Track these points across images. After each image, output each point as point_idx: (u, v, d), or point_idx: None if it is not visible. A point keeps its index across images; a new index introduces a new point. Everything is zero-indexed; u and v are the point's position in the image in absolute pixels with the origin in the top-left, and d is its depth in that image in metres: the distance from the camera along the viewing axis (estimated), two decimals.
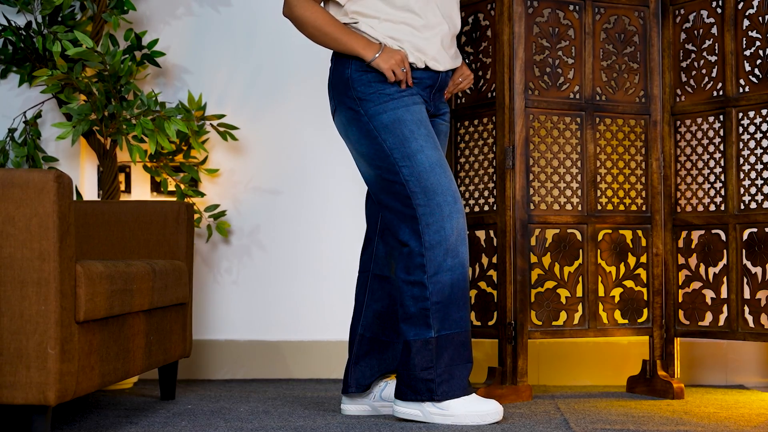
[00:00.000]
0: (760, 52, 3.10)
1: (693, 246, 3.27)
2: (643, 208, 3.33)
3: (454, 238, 2.68)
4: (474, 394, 2.70)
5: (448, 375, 2.67)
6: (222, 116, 3.60)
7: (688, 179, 3.29)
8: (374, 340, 2.89)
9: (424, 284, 2.67)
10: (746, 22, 3.14)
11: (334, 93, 2.83)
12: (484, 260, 3.23)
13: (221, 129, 3.60)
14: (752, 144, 3.13)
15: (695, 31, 3.28)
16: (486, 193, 3.23)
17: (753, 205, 3.11)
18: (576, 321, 3.22)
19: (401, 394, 2.71)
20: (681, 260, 3.29)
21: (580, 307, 3.23)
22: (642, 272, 3.31)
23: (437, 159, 2.70)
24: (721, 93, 3.20)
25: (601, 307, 3.25)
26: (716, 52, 3.22)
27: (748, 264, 3.11)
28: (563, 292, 3.21)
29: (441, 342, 2.67)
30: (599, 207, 3.27)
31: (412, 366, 2.68)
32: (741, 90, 3.15)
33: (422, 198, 2.67)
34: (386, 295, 2.90)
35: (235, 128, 3.62)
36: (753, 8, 3.12)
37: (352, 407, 2.89)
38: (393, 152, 2.69)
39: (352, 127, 2.75)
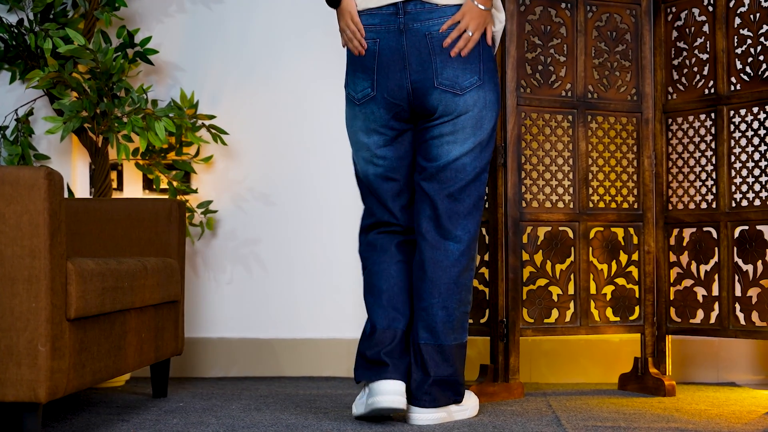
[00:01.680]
0: (752, 50, 3.10)
1: (685, 244, 3.27)
2: (635, 206, 3.34)
3: None
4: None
5: None
6: (213, 117, 3.60)
7: (680, 177, 3.29)
8: None
9: (472, 281, 2.75)
10: (738, 20, 3.14)
11: (482, 62, 2.65)
12: (476, 258, 3.23)
13: (212, 131, 3.59)
14: (743, 142, 3.13)
15: (687, 29, 3.29)
16: None
17: (744, 203, 3.12)
18: (568, 318, 3.23)
19: (433, 402, 2.64)
20: (673, 258, 3.30)
21: (571, 305, 3.23)
22: (634, 270, 3.32)
23: None
24: (712, 91, 3.20)
25: (592, 304, 3.26)
26: (708, 50, 3.23)
27: (740, 261, 3.11)
28: (555, 290, 3.22)
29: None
30: (591, 205, 3.28)
31: (454, 371, 2.67)
32: (732, 88, 3.16)
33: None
34: None
35: (225, 132, 3.61)
36: (744, 6, 3.13)
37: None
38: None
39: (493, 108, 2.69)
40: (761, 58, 3.08)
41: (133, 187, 3.72)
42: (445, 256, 2.65)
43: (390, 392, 2.55)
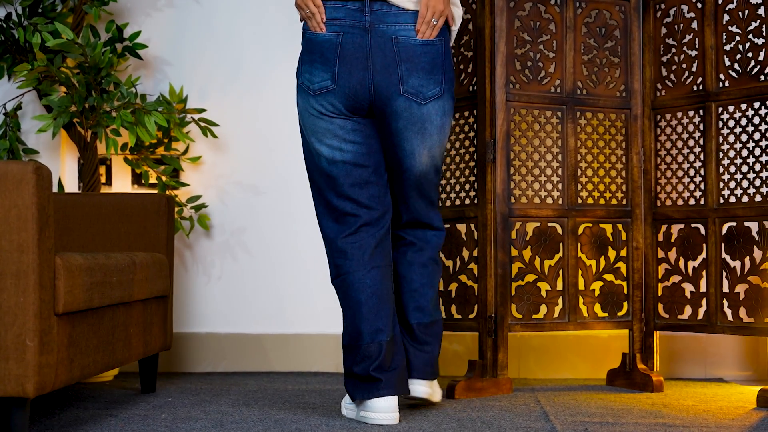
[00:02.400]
0: (740, 46, 3.11)
1: (673, 240, 3.28)
2: (624, 202, 3.34)
3: None
4: None
5: None
6: (203, 110, 3.59)
7: (668, 173, 3.30)
8: None
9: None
10: (726, 17, 3.15)
11: (444, 73, 2.67)
12: (465, 254, 3.23)
13: (202, 124, 3.58)
14: (732, 138, 3.14)
15: (676, 26, 3.29)
16: (467, 187, 3.24)
17: (732, 199, 3.13)
18: (556, 314, 3.23)
19: (433, 374, 2.80)
20: (661, 254, 3.31)
21: (560, 301, 3.24)
22: (622, 266, 3.32)
23: None
24: (701, 87, 3.21)
25: (581, 300, 3.26)
26: (696, 46, 3.23)
27: (727, 258, 3.12)
28: (543, 286, 3.22)
29: None
30: (580, 201, 3.28)
31: (439, 346, 2.81)
32: (721, 85, 3.16)
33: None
34: None
35: (215, 125, 3.61)
36: (733, 3, 3.13)
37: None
38: None
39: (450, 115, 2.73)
40: (749, 54, 3.08)
41: (121, 182, 3.71)
42: (428, 243, 2.80)
43: (383, 410, 2.57)
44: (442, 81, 2.62)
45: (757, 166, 3.07)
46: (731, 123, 3.14)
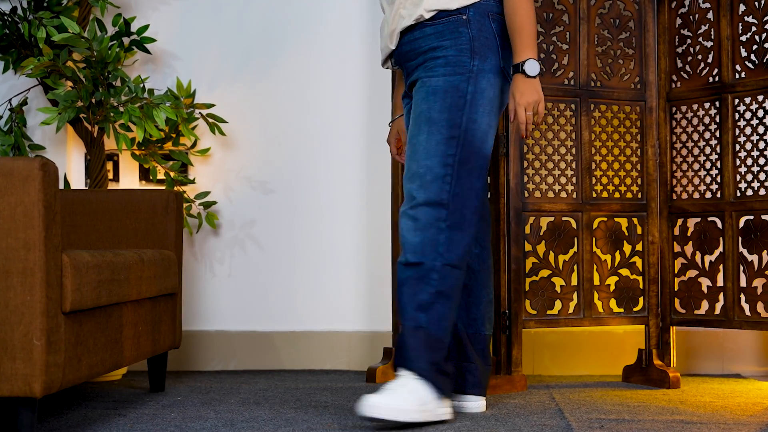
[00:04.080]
0: (756, 37, 3.07)
1: (689, 234, 3.24)
2: (639, 196, 3.30)
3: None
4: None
5: None
6: (211, 106, 3.56)
7: (684, 166, 3.26)
8: None
9: None
10: (742, 7, 3.11)
11: None
12: None
13: (210, 120, 3.54)
14: (748, 130, 3.10)
15: (691, 17, 3.25)
16: None
17: (749, 192, 3.08)
18: (571, 310, 3.20)
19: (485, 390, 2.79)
20: (677, 248, 3.27)
21: (575, 296, 3.20)
22: (638, 260, 3.28)
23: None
24: (717, 79, 3.17)
25: (596, 295, 3.23)
26: (712, 37, 3.19)
27: (745, 252, 3.08)
28: (558, 281, 3.19)
29: None
30: (594, 195, 3.24)
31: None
32: (737, 76, 3.12)
33: None
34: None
35: (223, 121, 3.57)
36: None
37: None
38: None
39: None
40: (766, 45, 3.04)
41: (129, 178, 3.68)
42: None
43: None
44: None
45: None
46: (748, 115, 3.10)
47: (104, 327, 2.42)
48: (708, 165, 3.20)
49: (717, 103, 3.17)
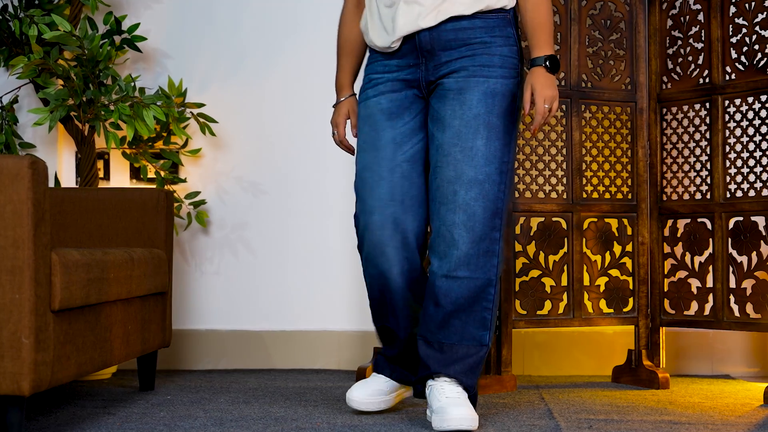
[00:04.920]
0: (747, 39, 3.07)
1: (679, 235, 3.25)
2: (629, 197, 3.30)
3: (370, 248, 2.58)
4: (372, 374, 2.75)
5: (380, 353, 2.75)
6: (202, 105, 3.55)
7: (674, 167, 3.27)
8: None
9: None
10: (733, 9, 3.11)
11: None
12: None
13: (201, 120, 3.54)
14: (738, 132, 3.10)
15: (682, 18, 3.25)
16: None
17: (739, 194, 3.09)
18: (561, 310, 3.20)
19: None
20: (667, 249, 3.27)
21: (565, 297, 3.20)
22: (628, 261, 3.29)
23: (368, 163, 2.58)
24: (707, 80, 3.17)
25: (586, 296, 3.23)
26: (702, 39, 3.19)
27: (734, 253, 3.09)
28: (548, 281, 3.19)
29: (377, 329, 2.74)
30: (585, 195, 3.25)
31: None
32: (727, 77, 3.13)
33: (356, 199, 2.66)
34: None
35: (213, 121, 3.56)
36: None
37: None
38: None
39: None
40: (756, 47, 3.04)
41: (119, 177, 3.67)
42: None
43: None
44: None
45: (765, 160, 3.03)
46: (738, 116, 3.10)
47: (93, 325, 2.41)
48: (698, 166, 3.20)
49: (707, 105, 3.17)
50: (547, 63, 2.49)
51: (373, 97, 2.62)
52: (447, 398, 2.43)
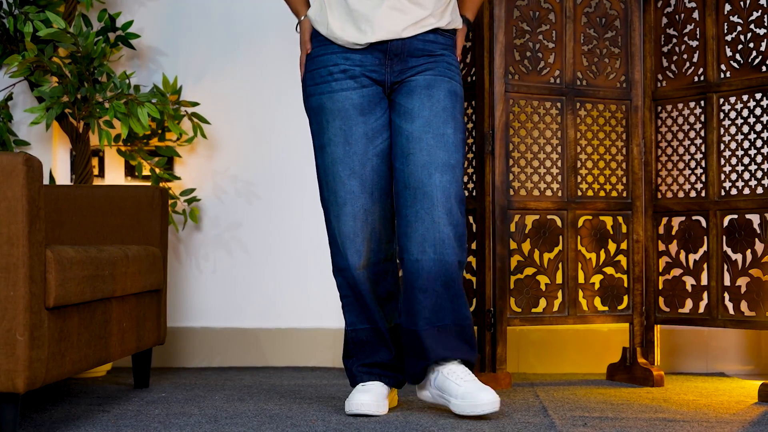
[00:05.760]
0: (742, 37, 3.08)
1: (674, 232, 3.25)
2: (624, 195, 3.31)
3: (341, 239, 2.66)
4: (359, 385, 2.69)
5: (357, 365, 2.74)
6: (196, 104, 3.54)
7: (669, 165, 3.27)
8: None
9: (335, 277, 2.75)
10: (728, 7, 3.11)
11: None
12: None
13: (194, 120, 3.53)
14: (733, 130, 3.11)
15: (677, 16, 3.26)
16: (465, 179, 3.20)
17: (734, 192, 3.09)
18: (556, 308, 3.20)
19: None
20: (661, 247, 3.28)
21: (559, 294, 3.20)
22: (622, 259, 3.29)
23: (340, 156, 2.64)
24: (702, 78, 3.18)
25: (581, 294, 3.23)
26: (698, 37, 3.20)
27: (729, 251, 3.09)
28: (543, 279, 3.19)
29: (354, 336, 2.74)
30: (579, 193, 3.25)
31: None
32: (722, 75, 3.13)
33: (322, 192, 2.70)
34: None
35: (206, 122, 3.55)
36: None
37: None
38: (313, 139, 2.71)
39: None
40: (751, 45, 3.05)
41: (114, 174, 3.67)
42: None
43: None
44: None
45: (759, 158, 3.03)
46: (732, 114, 3.11)
47: (88, 323, 2.41)
48: (693, 164, 3.21)
49: (702, 103, 3.17)
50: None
51: (340, 91, 2.64)
52: (466, 382, 2.52)
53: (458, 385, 2.52)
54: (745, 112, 3.08)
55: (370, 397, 2.60)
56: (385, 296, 2.72)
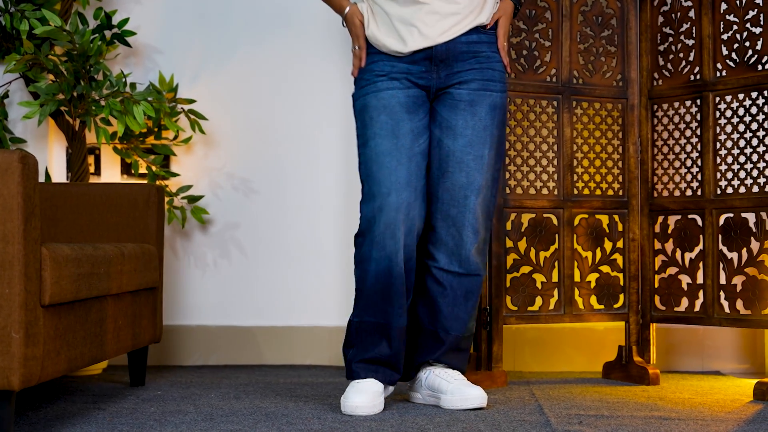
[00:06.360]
0: (738, 36, 3.08)
1: (669, 231, 3.25)
2: (620, 193, 3.31)
3: (381, 230, 2.64)
4: (354, 383, 2.67)
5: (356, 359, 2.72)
6: (193, 101, 3.54)
7: (665, 164, 3.27)
8: None
9: (355, 269, 2.73)
10: (724, 6, 3.12)
11: None
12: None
13: (191, 117, 3.52)
14: (729, 128, 3.11)
15: (673, 15, 3.26)
16: None
17: (729, 190, 3.10)
18: (552, 306, 3.20)
19: None
20: (657, 245, 3.28)
21: (555, 293, 3.21)
22: (618, 257, 3.29)
23: (387, 148, 2.64)
24: (698, 77, 3.18)
25: (577, 292, 3.23)
26: (694, 35, 3.20)
27: (724, 249, 3.09)
28: (539, 277, 3.19)
29: (359, 327, 2.71)
30: (576, 191, 3.25)
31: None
32: (718, 74, 3.13)
33: (365, 185, 2.69)
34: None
35: (203, 118, 3.55)
36: None
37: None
38: (358, 138, 2.72)
39: None
40: (747, 44, 3.05)
41: (111, 172, 3.66)
42: None
43: None
44: None
45: (755, 157, 3.04)
46: (728, 113, 3.11)
47: (84, 321, 2.41)
48: (689, 163, 3.21)
49: (698, 101, 3.18)
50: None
51: (386, 90, 2.67)
52: (456, 380, 2.70)
53: (449, 383, 2.69)
54: (740, 111, 3.08)
55: (365, 398, 2.59)
56: (402, 293, 2.71)
